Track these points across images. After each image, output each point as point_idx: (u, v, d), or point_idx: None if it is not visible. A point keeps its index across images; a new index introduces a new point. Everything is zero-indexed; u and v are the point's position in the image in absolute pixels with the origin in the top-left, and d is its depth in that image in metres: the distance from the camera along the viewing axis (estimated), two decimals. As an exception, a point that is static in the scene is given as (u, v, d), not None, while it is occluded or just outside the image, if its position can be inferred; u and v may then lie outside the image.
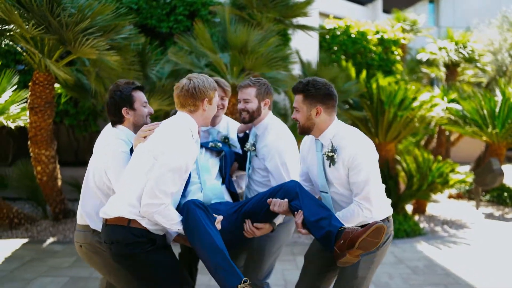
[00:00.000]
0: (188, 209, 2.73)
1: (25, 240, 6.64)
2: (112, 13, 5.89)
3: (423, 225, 7.85)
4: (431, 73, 14.76)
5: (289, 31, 8.91)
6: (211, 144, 3.49)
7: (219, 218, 2.85)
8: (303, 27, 7.95)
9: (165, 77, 7.30)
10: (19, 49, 6.44)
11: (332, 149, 2.85)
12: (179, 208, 2.83)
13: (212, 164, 3.37)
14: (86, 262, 3.17)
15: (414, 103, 8.04)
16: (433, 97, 8.46)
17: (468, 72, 14.07)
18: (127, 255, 2.75)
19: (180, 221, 2.74)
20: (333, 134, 2.90)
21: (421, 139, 11.68)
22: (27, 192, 7.87)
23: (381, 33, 11.43)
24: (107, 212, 2.76)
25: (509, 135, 8.91)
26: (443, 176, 7.96)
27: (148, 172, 2.70)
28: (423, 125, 8.92)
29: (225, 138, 3.72)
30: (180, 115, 2.89)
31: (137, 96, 3.10)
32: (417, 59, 14.46)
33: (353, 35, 11.17)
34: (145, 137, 2.83)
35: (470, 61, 12.82)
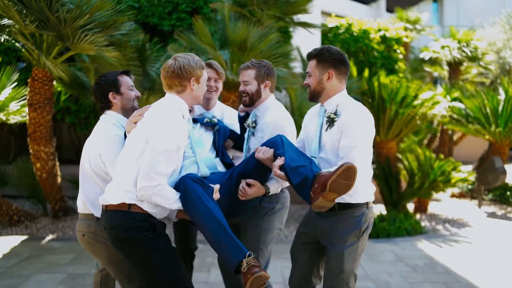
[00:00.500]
0: (184, 184, 2.72)
1: (24, 237, 6.63)
2: (111, 9, 5.87)
3: (425, 223, 7.79)
4: (434, 72, 14.69)
5: (290, 29, 8.88)
6: (206, 120, 3.48)
7: (216, 187, 2.84)
8: (304, 24, 7.92)
9: (165, 74, 7.26)
10: (18, 45, 6.42)
11: (335, 112, 2.88)
12: (176, 186, 2.82)
13: (206, 138, 3.36)
14: (88, 251, 3.16)
15: (416, 101, 7.99)
16: (435, 94, 8.40)
17: (472, 71, 14.00)
18: (127, 240, 2.72)
19: (178, 198, 2.73)
20: (339, 101, 2.92)
21: (423, 138, 11.62)
22: (27, 189, 7.87)
23: (383, 31, 11.36)
24: (106, 199, 2.75)
25: (512, 133, 8.85)
26: (445, 174, 7.91)
27: (140, 157, 2.68)
28: (424, 123, 8.87)
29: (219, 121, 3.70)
30: (168, 97, 2.86)
31: (123, 80, 3.12)
32: (420, 58, 14.40)
33: (355, 34, 11.11)
34: (135, 123, 2.82)
35: (473, 59, 12.74)
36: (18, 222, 7.26)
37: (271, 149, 2.92)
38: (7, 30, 5.84)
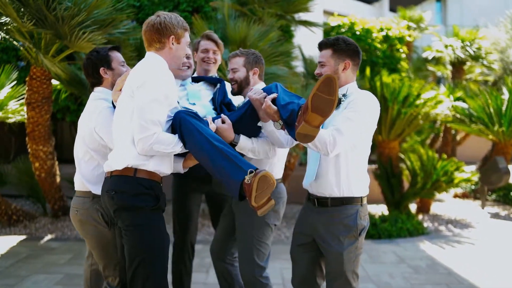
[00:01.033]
0: (179, 119, 2.68)
1: (23, 237, 6.59)
2: (110, 7, 5.81)
3: (427, 224, 7.72)
4: (437, 72, 14.60)
5: (292, 28, 8.82)
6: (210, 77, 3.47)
7: (209, 118, 2.83)
8: (305, 23, 7.87)
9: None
10: (15, 43, 6.38)
11: (344, 94, 2.85)
12: (172, 125, 2.78)
13: (205, 94, 3.31)
14: (77, 229, 3.13)
15: (418, 100, 7.91)
16: (437, 94, 8.33)
17: (475, 71, 13.91)
18: (130, 206, 2.65)
19: (178, 139, 2.68)
20: (351, 90, 2.89)
21: (426, 138, 11.52)
22: (26, 189, 7.83)
23: (385, 30, 11.28)
24: (111, 165, 2.71)
25: (515, 133, 8.76)
26: (448, 174, 7.83)
27: (132, 116, 2.63)
28: (427, 122, 8.80)
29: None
30: (147, 55, 2.80)
31: (114, 56, 3.12)
32: (423, 57, 14.30)
33: (357, 33, 11.03)
34: (121, 90, 2.79)
35: (476, 59, 12.64)
36: (17, 221, 7.22)
37: (264, 92, 2.87)
38: (4, 28, 5.79)
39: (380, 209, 8.31)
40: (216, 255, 3.61)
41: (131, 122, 2.63)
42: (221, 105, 3.29)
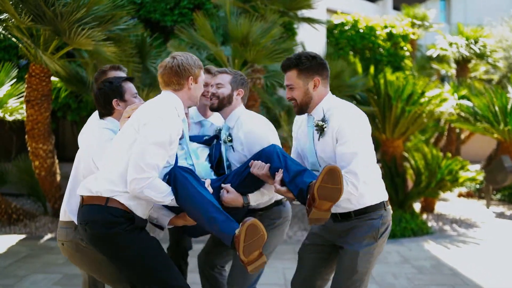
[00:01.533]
0: (174, 175, 2.61)
1: (23, 236, 6.54)
2: (109, 4, 5.75)
3: (431, 223, 7.63)
4: (441, 70, 14.50)
5: (294, 25, 8.73)
6: (205, 138, 3.37)
7: (207, 181, 2.73)
8: (308, 20, 7.77)
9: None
10: (14, 40, 6.32)
11: (323, 119, 2.71)
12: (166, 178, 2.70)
13: (202, 152, 3.24)
14: (70, 261, 3.03)
15: (422, 98, 7.83)
16: (442, 92, 8.24)
17: (480, 69, 13.81)
18: (104, 236, 2.57)
19: (170, 191, 2.60)
20: (327, 106, 2.75)
21: (430, 136, 11.44)
22: (27, 187, 7.79)
23: (389, 28, 11.19)
24: (88, 186, 2.62)
25: (521, 132, 8.67)
26: (452, 173, 7.74)
27: (131, 147, 2.57)
28: (431, 121, 8.73)
29: (219, 130, 3.56)
30: (164, 93, 2.75)
31: (127, 87, 3.00)
32: (427, 55, 14.20)
33: (361, 30, 10.95)
34: (129, 117, 2.72)
35: (481, 56, 12.53)
36: (17, 220, 7.17)
37: (266, 164, 2.75)
38: (3, 24, 5.73)
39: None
40: (203, 263, 3.54)
41: (127, 153, 2.57)
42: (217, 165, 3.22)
